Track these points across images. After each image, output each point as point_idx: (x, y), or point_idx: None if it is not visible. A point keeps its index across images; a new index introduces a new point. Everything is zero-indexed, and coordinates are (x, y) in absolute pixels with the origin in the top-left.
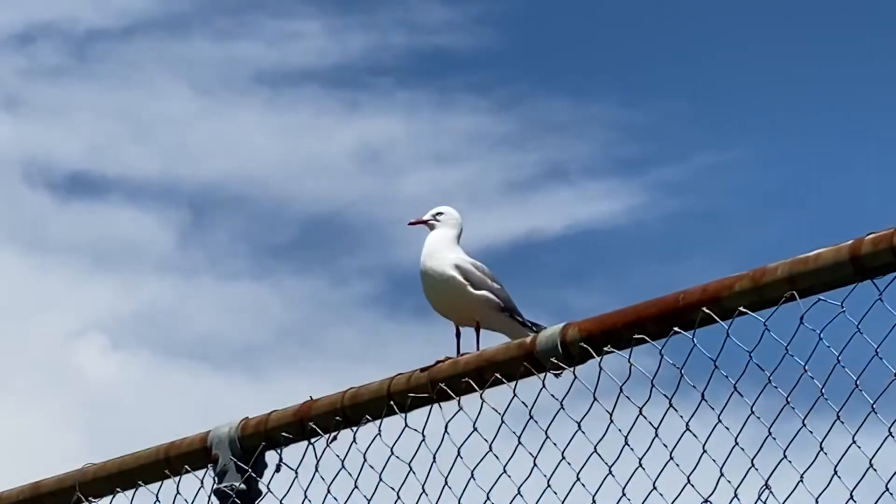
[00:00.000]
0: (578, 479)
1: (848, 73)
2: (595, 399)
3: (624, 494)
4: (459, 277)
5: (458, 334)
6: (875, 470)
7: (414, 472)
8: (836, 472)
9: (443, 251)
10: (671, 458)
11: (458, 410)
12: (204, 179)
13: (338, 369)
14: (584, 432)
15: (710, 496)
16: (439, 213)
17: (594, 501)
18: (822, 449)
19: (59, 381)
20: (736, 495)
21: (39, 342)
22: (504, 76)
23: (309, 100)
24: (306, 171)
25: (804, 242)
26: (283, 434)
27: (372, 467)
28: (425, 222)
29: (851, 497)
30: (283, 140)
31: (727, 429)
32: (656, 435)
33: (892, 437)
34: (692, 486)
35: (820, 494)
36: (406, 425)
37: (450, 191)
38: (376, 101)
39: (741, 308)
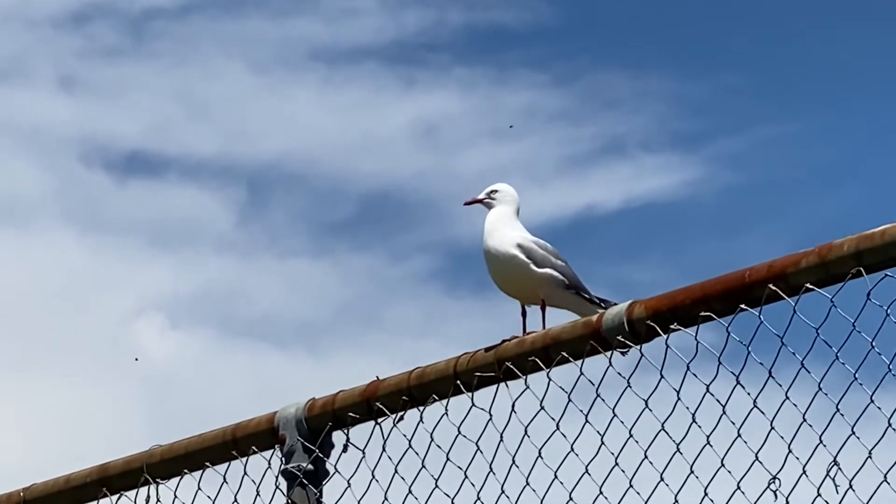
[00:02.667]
0: (646, 457)
1: None
2: (662, 377)
3: (692, 472)
4: (522, 256)
5: (524, 313)
6: None
7: (481, 452)
8: None
9: (503, 230)
10: (739, 435)
11: (525, 389)
12: (261, 158)
13: (398, 346)
14: (651, 410)
15: (778, 473)
16: (494, 191)
17: (662, 479)
18: (890, 425)
19: (119, 360)
20: (804, 472)
21: (99, 322)
22: (561, 51)
23: (366, 77)
24: (363, 148)
25: (867, 216)
26: (350, 414)
27: (439, 447)
28: (481, 201)
29: None
30: (340, 117)
31: (795, 405)
32: (724, 412)
33: None
34: (760, 462)
35: (889, 470)
36: (473, 404)
37: (507, 167)
38: (433, 78)
39: (808, 284)
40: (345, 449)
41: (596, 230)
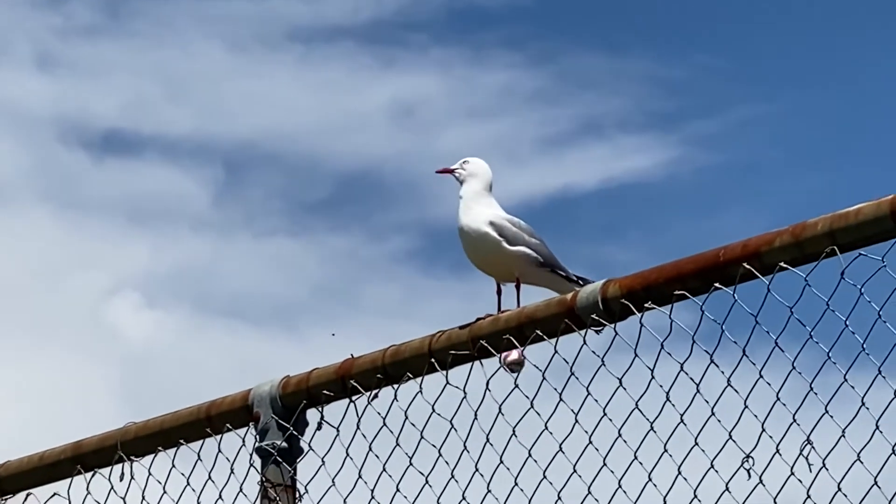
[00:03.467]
0: (620, 436)
1: (890, 22)
2: (636, 355)
3: (666, 450)
4: (494, 234)
5: (498, 291)
6: None
7: (455, 430)
8: (877, 427)
9: (477, 207)
10: (713, 414)
11: (500, 367)
12: (238, 136)
13: (375, 326)
14: (625, 389)
15: (751, 452)
16: (465, 162)
17: (636, 457)
18: (863, 404)
19: (95, 338)
20: (778, 451)
21: (75, 300)
22: (538, 32)
23: (343, 56)
24: (341, 127)
25: (843, 197)
26: (325, 392)
27: (413, 425)
28: (452, 171)
29: (894, 451)
30: (318, 97)
31: (768, 384)
32: (697, 391)
33: None
34: (734, 441)
35: (862, 449)
36: (447, 383)
37: (484, 147)
38: (411, 58)
39: (782, 263)
40: (319, 427)
41: (573, 210)
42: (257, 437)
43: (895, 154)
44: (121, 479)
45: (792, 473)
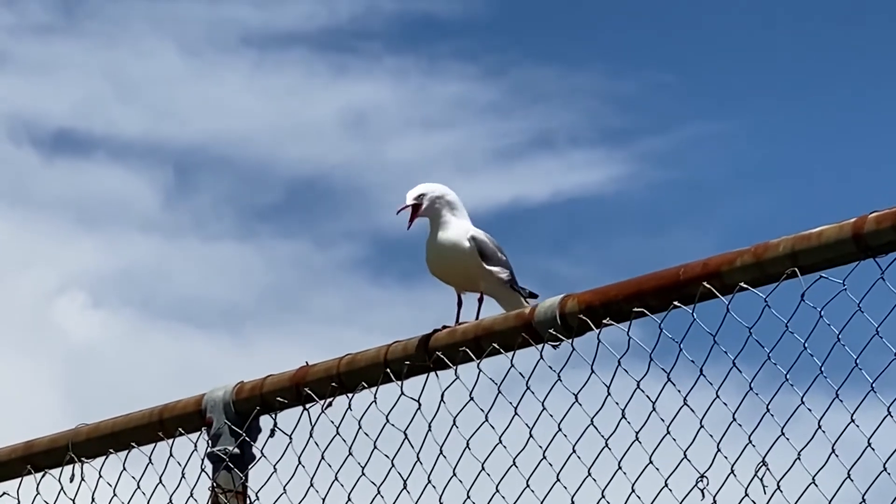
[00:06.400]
0: (574, 452)
1: (850, 43)
2: (593, 371)
3: (620, 468)
4: (474, 249)
5: (459, 303)
6: (873, 449)
7: (409, 441)
8: (833, 451)
9: (454, 221)
10: (668, 433)
11: (455, 379)
12: (189, 140)
13: (322, 334)
14: (580, 404)
15: (706, 472)
16: (422, 195)
17: (590, 474)
18: (820, 427)
19: (40, 337)
20: (732, 471)
21: (21, 299)
22: (492, 44)
23: (296, 63)
24: (292, 134)
25: (798, 218)
26: (278, 399)
27: (367, 434)
28: (416, 209)
29: (849, 476)
30: (270, 102)
31: (725, 404)
32: (653, 409)
33: (891, 416)
34: (688, 460)
35: (817, 473)
36: (402, 393)
37: (435, 158)
38: (364, 66)
39: (742, 283)
40: (272, 434)
41: (522, 223)
42: (209, 442)
43: (849, 175)
44: (71, 481)
45: (746, 494)
